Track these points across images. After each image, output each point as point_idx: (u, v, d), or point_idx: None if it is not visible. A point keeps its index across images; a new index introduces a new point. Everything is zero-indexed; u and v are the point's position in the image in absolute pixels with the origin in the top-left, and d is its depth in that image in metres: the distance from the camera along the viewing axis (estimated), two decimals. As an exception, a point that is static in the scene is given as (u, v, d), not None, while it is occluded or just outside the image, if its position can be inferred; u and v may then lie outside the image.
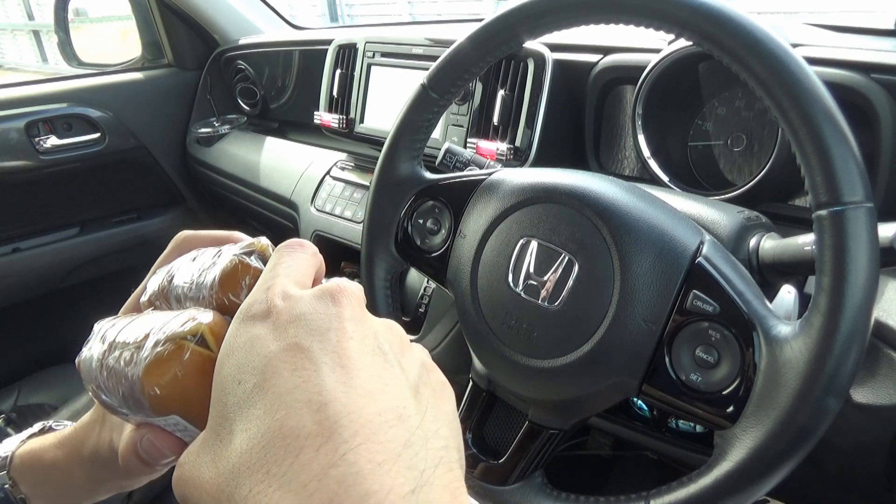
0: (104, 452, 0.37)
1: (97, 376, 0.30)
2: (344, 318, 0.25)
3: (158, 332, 0.29)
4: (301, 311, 0.25)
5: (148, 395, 0.28)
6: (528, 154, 0.84)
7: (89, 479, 0.39)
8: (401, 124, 0.60)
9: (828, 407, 0.39)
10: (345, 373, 0.23)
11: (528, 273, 0.51)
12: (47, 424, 0.45)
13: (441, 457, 0.23)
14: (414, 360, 0.27)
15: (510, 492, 0.55)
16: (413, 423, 0.23)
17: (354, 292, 0.27)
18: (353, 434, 0.21)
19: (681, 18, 0.43)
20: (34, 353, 1.50)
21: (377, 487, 0.20)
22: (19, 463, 0.41)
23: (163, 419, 0.29)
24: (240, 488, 0.21)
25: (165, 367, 0.28)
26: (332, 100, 1.11)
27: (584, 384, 0.49)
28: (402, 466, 0.21)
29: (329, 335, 0.24)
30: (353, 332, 0.25)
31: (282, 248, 0.30)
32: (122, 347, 0.29)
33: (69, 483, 0.40)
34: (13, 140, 1.29)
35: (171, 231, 1.33)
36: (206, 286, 0.31)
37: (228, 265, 0.31)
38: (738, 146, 0.75)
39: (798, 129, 0.39)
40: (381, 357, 0.25)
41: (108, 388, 0.29)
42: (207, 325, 0.29)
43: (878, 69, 0.61)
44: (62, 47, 1.47)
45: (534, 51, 0.83)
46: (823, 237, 0.39)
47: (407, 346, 0.28)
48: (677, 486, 0.45)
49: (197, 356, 0.28)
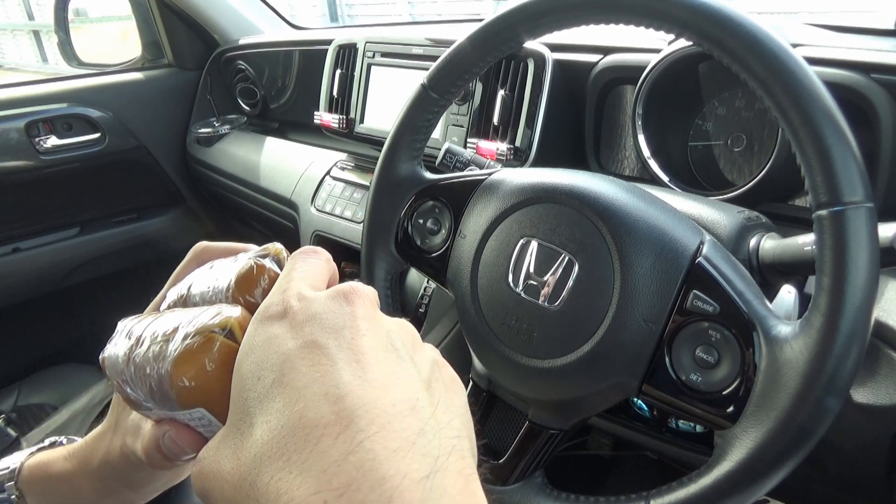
0: (114, 459, 0.37)
1: (123, 370, 0.30)
2: (357, 317, 0.26)
3: (188, 326, 0.30)
4: (316, 311, 0.26)
5: (176, 387, 0.28)
6: (528, 154, 0.84)
7: (96, 491, 0.40)
8: (401, 124, 0.60)
9: (828, 407, 0.39)
10: (359, 367, 0.24)
11: (529, 273, 0.51)
12: (58, 440, 0.45)
13: (454, 445, 0.24)
14: (425, 357, 0.28)
15: (510, 492, 0.55)
16: (426, 413, 0.24)
17: (367, 294, 0.28)
18: (370, 423, 0.22)
19: (681, 18, 0.43)
20: (34, 353, 1.50)
21: (393, 472, 0.21)
22: (27, 475, 0.42)
23: (188, 412, 0.29)
24: (262, 476, 0.22)
25: (195, 359, 0.28)
26: (332, 100, 1.11)
27: (584, 384, 0.49)
28: (416, 453, 0.22)
29: (343, 332, 0.25)
30: (367, 330, 0.26)
31: (297, 255, 0.31)
32: (150, 341, 0.30)
33: (76, 495, 0.40)
34: (13, 140, 1.29)
35: (171, 231, 1.33)
36: (224, 288, 0.33)
37: (245, 267, 0.33)
38: (738, 146, 0.75)
39: (798, 129, 0.39)
40: (393, 353, 0.26)
41: (134, 382, 0.30)
42: (236, 319, 0.30)
43: (878, 69, 0.61)
44: (62, 47, 1.46)
45: (534, 51, 0.83)
46: (823, 237, 0.39)
47: (419, 344, 0.29)
48: (677, 486, 0.45)
49: (226, 348, 0.29)
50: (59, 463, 0.41)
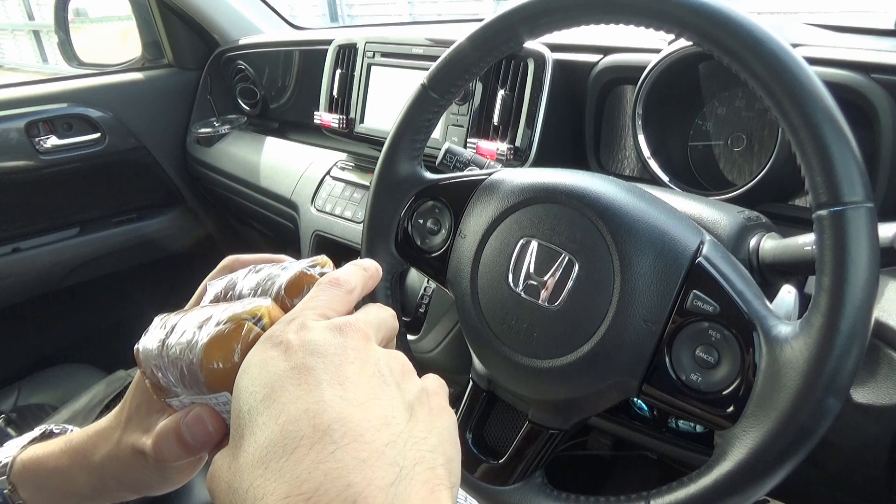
0: (122, 456, 0.38)
1: (156, 356, 0.33)
2: (347, 347, 0.28)
3: (221, 315, 0.32)
4: (310, 339, 0.28)
5: (206, 370, 0.31)
6: (528, 154, 0.84)
7: (92, 487, 0.40)
8: (401, 124, 0.60)
9: (828, 407, 0.39)
10: (342, 388, 0.26)
11: (529, 273, 0.51)
12: (48, 429, 0.45)
13: (424, 457, 0.26)
14: (414, 384, 0.30)
15: (510, 492, 0.55)
16: (399, 427, 0.26)
17: (361, 328, 0.30)
18: (343, 435, 0.24)
19: (681, 18, 0.43)
20: (34, 353, 1.50)
21: (359, 479, 0.23)
22: (21, 468, 0.41)
23: (214, 396, 0.32)
24: (244, 482, 0.24)
25: (226, 343, 0.31)
26: (333, 100, 1.11)
27: (584, 384, 0.49)
28: (384, 462, 0.24)
29: (332, 359, 0.28)
30: (355, 358, 0.28)
31: (323, 283, 0.34)
32: (184, 328, 0.32)
33: (70, 490, 0.40)
34: (13, 140, 1.29)
35: (171, 231, 1.33)
36: (274, 290, 0.35)
37: (295, 275, 0.36)
38: (739, 146, 0.75)
39: (798, 129, 0.39)
40: (378, 378, 0.28)
41: (165, 367, 0.32)
42: (266, 308, 0.32)
43: (878, 69, 0.61)
44: (62, 47, 1.46)
45: (534, 51, 0.83)
46: (823, 237, 0.39)
47: (409, 373, 0.31)
48: (677, 486, 0.45)
49: (256, 335, 0.31)
50: (55, 457, 0.41)
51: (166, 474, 0.38)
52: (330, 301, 0.32)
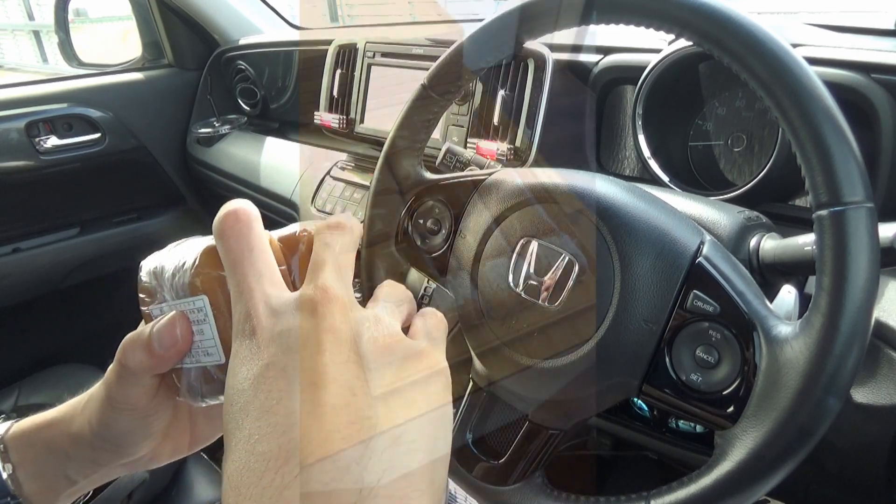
0: (98, 396, 0.39)
1: (153, 270, 0.37)
2: (320, 331, 0.27)
3: None
4: (280, 329, 0.27)
5: (197, 272, 0.34)
6: (528, 154, 0.84)
7: (88, 459, 0.39)
8: (401, 124, 0.60)
9: (828, 407, 0.39)
10: (313, 390, 0.25)
11: (529, 273, 0.51)
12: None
13: (396, 463, 0.25)
14: (396, 355, 0.28)
15: (510, 492, 0.55)
16: (371, 431, 0.25)
17: (337, 297, 0.28)
18: (309, 455, 0.24)
19: (681, 18, 0.43)
20: (34, 353, 1.50)
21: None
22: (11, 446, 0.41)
23: (192, 300, 0.34)
24: None
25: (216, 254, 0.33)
26: (333, 100, 1.11)
27: (584, 384, 0.49)
28: (349, 481, 0.24)
29: (304, 353, 0.26)
30: (328, 344, 0.27)
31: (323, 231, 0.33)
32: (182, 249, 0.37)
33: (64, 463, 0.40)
34: (13, 140, 1.29)
35: (171, 231, 1.34)
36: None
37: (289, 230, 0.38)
38: (739, 146, 0.75)
39: (798, 130, 0.39)
40: (353, 364, 0.27)
41: (159, 274, 0.37)
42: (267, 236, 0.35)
43: (878, 69, 0.61)
44: (62, 47, 1.47)
45: (534, 51, 0.83)
46: (824, 237, 0.39)
47: (393, 337, 0.29)
48: (677, 486, 0.45)
49: None
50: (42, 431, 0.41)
51: (147, 422, 0.38)
52: (343, 248, 0.32)
